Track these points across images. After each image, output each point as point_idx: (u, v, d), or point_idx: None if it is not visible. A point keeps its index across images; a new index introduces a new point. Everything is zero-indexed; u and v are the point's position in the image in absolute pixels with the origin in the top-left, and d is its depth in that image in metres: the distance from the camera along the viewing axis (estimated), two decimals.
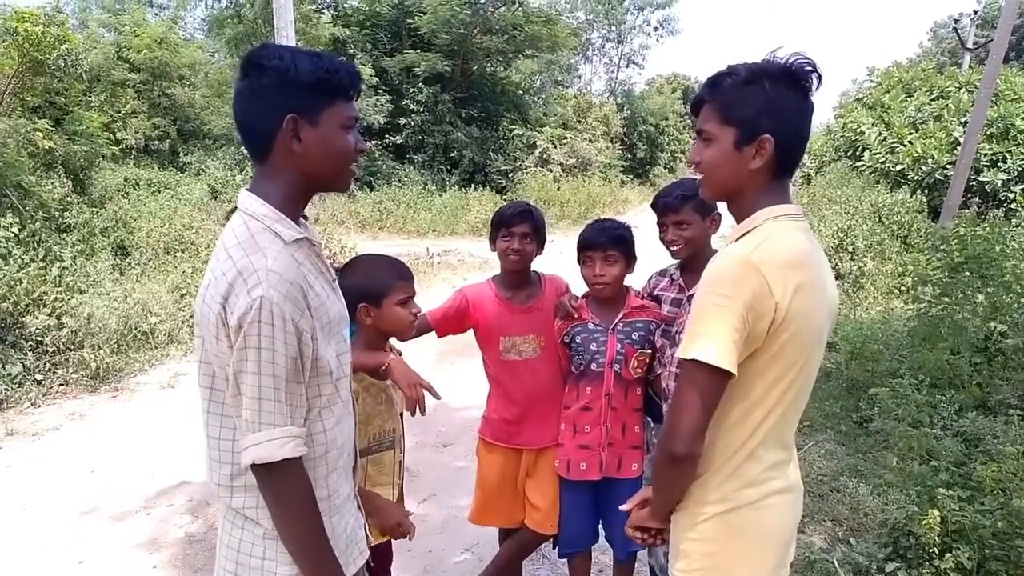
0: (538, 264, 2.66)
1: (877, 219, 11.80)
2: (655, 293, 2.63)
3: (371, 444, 2.07)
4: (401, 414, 2.18)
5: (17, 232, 6.50)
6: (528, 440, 2.63)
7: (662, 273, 2.74)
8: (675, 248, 2.44)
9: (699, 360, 1.40)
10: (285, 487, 1.36)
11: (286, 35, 9.04)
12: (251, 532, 1.43)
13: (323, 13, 19.88)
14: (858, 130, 17.24)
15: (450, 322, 2.66)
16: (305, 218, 1.52)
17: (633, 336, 2.46)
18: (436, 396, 2.07)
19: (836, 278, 8.26)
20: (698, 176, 1.63)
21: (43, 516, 3.77)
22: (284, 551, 1.42)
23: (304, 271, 1.40)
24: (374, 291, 2.03)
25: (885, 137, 16.17)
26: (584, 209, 19.59)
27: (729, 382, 1.42)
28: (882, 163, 15.63)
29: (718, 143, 1.51)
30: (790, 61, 1.49)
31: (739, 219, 1.56)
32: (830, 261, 9.00)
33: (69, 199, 9.37)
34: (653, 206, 2.53)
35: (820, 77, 1.50)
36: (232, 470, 1.41)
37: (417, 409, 2.02)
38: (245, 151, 1.46)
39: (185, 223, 10.05)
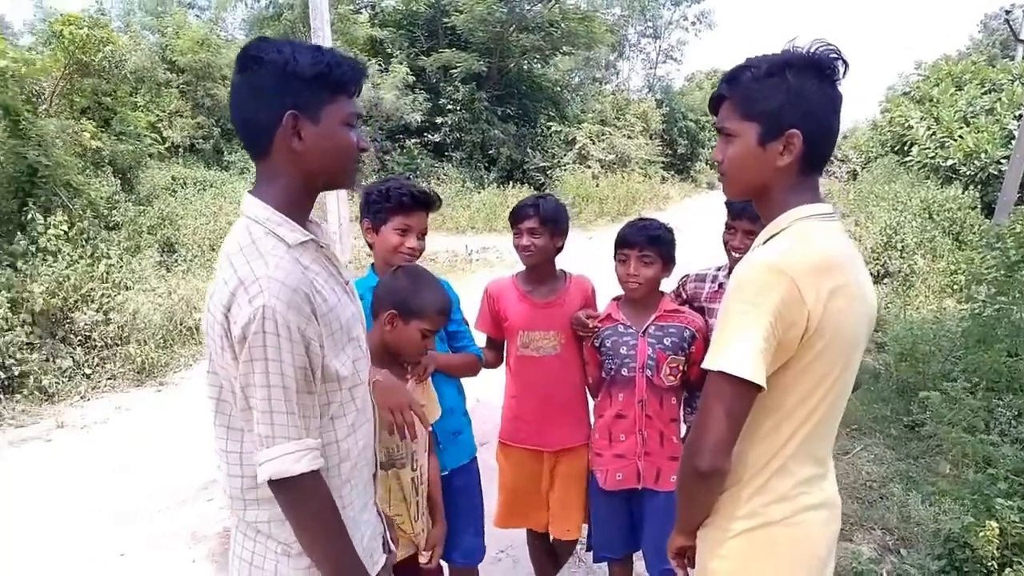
0: (575, 260, 2.59)
1: (927, 215, 11.42)
2: (700, 303, 2.54)
3: (388, 456, 2.01)
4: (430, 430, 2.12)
5: (66, 230, 6.65)
6: (546, 441, 2.55)
7: (701, 278, 2.64)
8: (740, 256, 2.34)
9: (726, 372, 1.31)
10: (304, 501, 1.31)
11: (322, 34, 9.11)
12: (264, 546, 1.40)
13: (361, 13, 20.03)
14: (906, 125, 16.73)
15: (487, 321, 2.63)
16: (314, 221, 1.46)
17: (665, 341, 2.37)
18: (425, 425, 1.99)
19: (884, 276, 8.02)
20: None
21: (87, 508, 3.84)
22: (298, 566, 1.38)
23: (311, 276, 1.34)
24: (412, 307, 1.98)
25: (934, 131, 15.66)
26: (623, 206, 19.36)
27: (758, 394, 1.34)
28: (931, 158, 15.13)
29: (741, 140, 1.43)
30: (813, 49, 1.40)
31: (766, 220, 1.47)
32: (877, 259, 8.89)
33: (117, 197, 9.58)
34: (728, 207, 2.46)
35: (846, 64, 1.40)
36: (243, 483, 1.37)
37: (408, 433, 1.88)
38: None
39: (230, 220, 10.17)
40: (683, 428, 2.50)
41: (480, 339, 2.65)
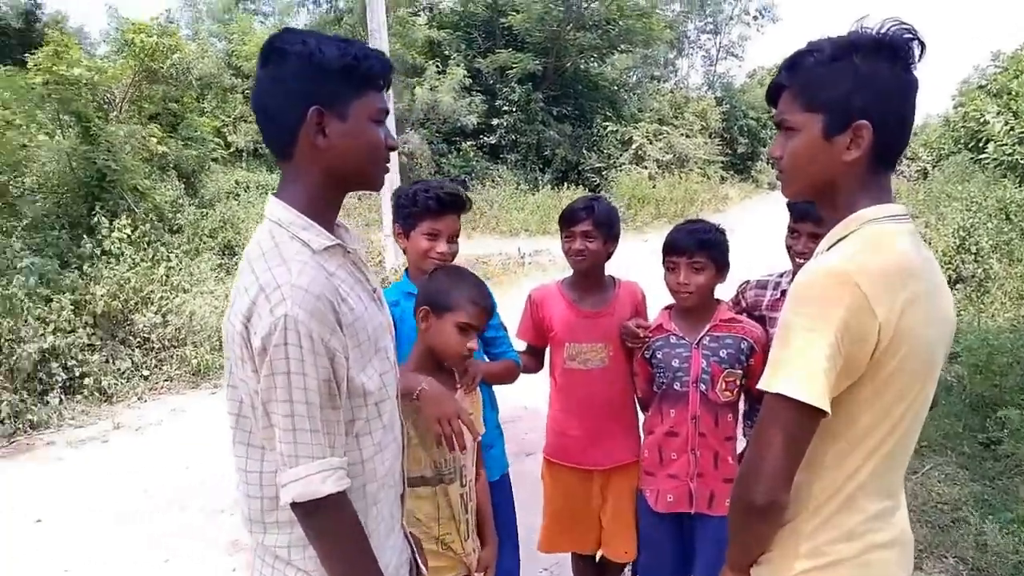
0: (630, 264, 2.47)
1: (1004, 216, 10.79)
2: (761, 312, 2.39)
3: (435, 471, 1.91)
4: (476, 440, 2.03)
5: (129, 233, 6.86)
6: (595, 459, 2.42)
7: (763, 285, 2.47)
8: (805, 261, 2.20)
9: (785, 395, 1.18)
10: (330, 524, 1.24)
11: (379, 36, 9.18)
12: (282, 573, 1.32)
13: (419, 15, 20.21)
14: (981, 120, 15.91)
15: (529, 330, 2.53)
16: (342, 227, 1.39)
17: (721, 353, 2.21)
18: (474, 434, 1.90)
19: (956, 282, 7.57)
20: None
21: (137, 509, 3.91)
22: None
23: (336, 282, 1.27)
24: (442, 300, 1.90)
25: (1013, 127, 14.84)
26: (681, 207, 18.98)
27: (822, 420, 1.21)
28: (1009, 155, 14.35)
29: (803, 133, 1.29)
30: (884, 30, 1.24)
31: (830, 223, 1.32)
32: (949, 263, 8.43)
33: (181, 201, 9.86)
34: (790, 209, 2.31)
35: (923, 46, 1.24)
36: (263, 504, 1.30)
37: (457, 443, 1.81)
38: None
39: None
40: (741, 444, 2.36)
41: (519, 346, 2.56)
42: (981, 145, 15.68)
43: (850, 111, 1.23)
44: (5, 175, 7.97)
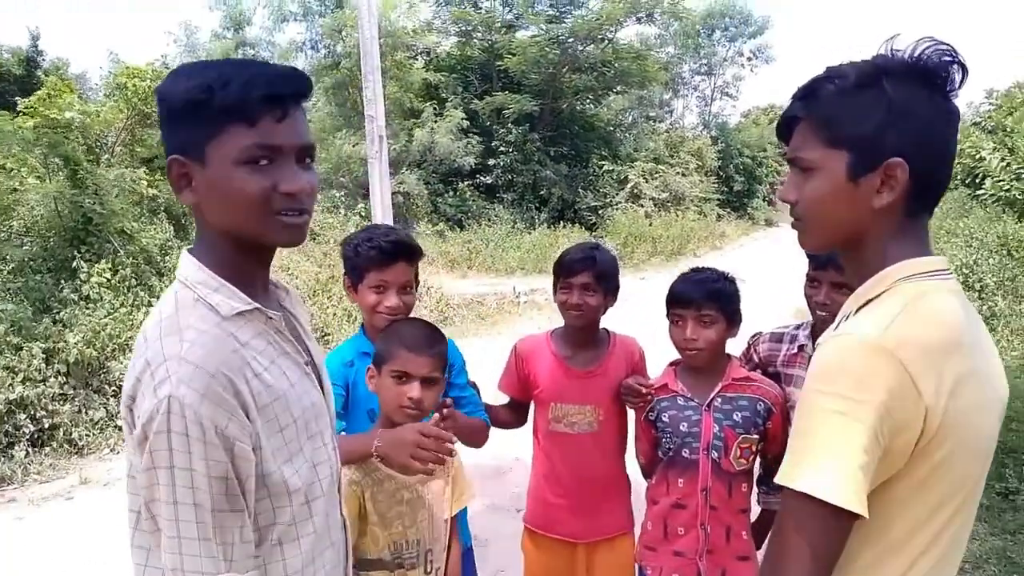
0: (627, 304, 2.24)
1: (1006, 252, 10.66)
2: (776, 368, 2.16)
3: (393, 555, 1.67)
4: (447, 520, 1.79)
5: (109, 278, 6.66)
6: (579, 531, 2.18)
7: (777, 338, 2.26)
8: (827, 314, 1.97)
9: (811, 495, 0.95)
10: None
11: (372, 79, 9.13)
12: None
13: (416, 59, 20.39)
14: (977, 156, 15.89)
15: (513, 383, 2.31)
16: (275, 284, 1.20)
17: (735, 416, 1.98)
18: (449, 452, 1.63)
19: None
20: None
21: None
22: None
23: (248, 355, 1.06)
24: (380, 353, 1.72)
25: (1009, 163, 14.82)
26: (678, 245, 18.89)
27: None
28: (1007, 191, 14.30)
29: (823, 174, 1.10)
30: (919, 52, 1.05)
31: (857, 279, 1.11)
32: None
33: (170, 243, 9.73)
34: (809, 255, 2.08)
35: (964, 69, 1.05)
36: None
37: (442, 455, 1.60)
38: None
39: (283, 264, 10.15)
40: (755, 513, 2.12)
41: (501, 399, 2.35)
42: (978, 181, 15.64)
43: (881, 147, 1.05)
44: None
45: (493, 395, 2.35)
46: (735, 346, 2.16)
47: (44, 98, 9.22)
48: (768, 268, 11.18)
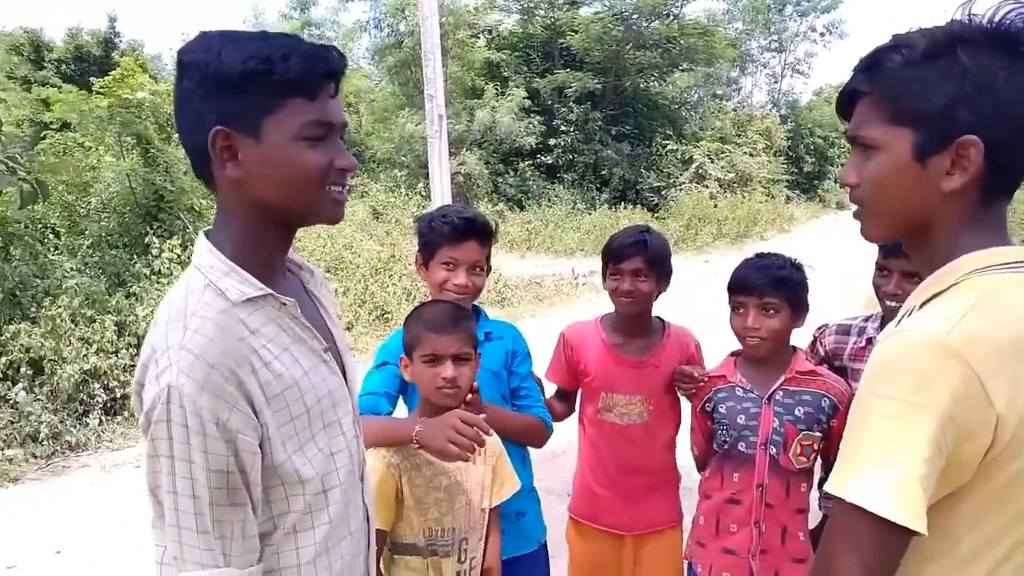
0: (690, 287, 2.14)
1: None
2: (843, 362, 2.04)
3: (427, 541, 1.64)
4: (485, 510, 1.74)
5: (179, 253, 6.89)
6: (625, 522, 2.11)
7: (844, 330, 2.13)
8: (897, 304, 1.85)
9: (862, 508, 0.86)
10: None
11: (433, 58, 9.13)
12: None
13: (478, 38, 20.34)
14: None
15: (561, 372, 2.24)
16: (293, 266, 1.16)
17: (796, 412, 1.87)
18: (480, 443, 1.56)
19: None
20: None
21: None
22: None
23: (257, 343, 1.02)
24: (407, 341, 1.70)
25: None
26: (744, 227, 18.42)
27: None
28: None
29: (885, 153, 0.99)
30: (1001, 16, 0.92)
31: (924, 270, 1.01)
32: None
33: None
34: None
35: None
36: None
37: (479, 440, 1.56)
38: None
39: (347, 242, 10.31)
40: (816, 518, 2.01)
41: (548, 389, 2.27)
42: None
43: (952, 124, 0.93)
44: (73, 195, 8.22)
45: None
46: (801, 338, 2.04)
47: (118, 78, 9.54)
48: (838, 254, 10.73)
